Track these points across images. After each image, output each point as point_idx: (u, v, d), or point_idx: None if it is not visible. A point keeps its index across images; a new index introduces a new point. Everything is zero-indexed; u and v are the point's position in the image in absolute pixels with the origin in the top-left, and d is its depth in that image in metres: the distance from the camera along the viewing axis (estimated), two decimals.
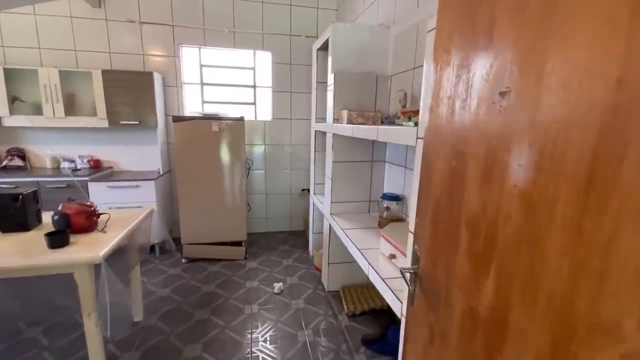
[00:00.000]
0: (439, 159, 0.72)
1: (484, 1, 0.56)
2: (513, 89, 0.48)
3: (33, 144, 3.20)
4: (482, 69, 0.56)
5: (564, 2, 0.41)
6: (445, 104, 0.70)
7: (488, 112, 0.53)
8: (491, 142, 0.52)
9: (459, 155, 0.62)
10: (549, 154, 0.41)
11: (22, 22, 2.99)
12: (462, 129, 0.62)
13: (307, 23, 3.49)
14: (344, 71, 2.15)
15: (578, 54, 0.39)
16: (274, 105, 3.62)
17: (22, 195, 1.64)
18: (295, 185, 3.85)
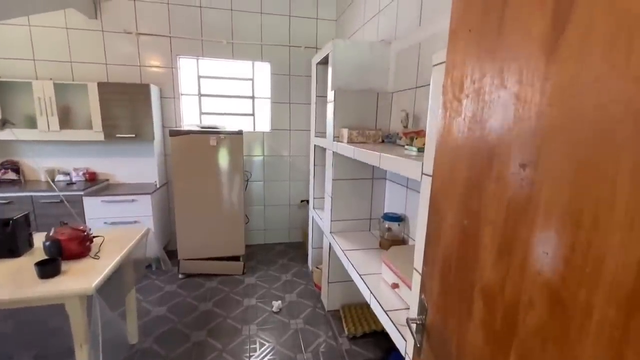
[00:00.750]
0: (449, 211, 0.67)
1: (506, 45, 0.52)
2: (534, 162, 0.44)
3: (27, 156, 3.14)
4: (499, 129, 0.52)
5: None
6: (455, 154, 0.66)
7: (505, 182, 0.49)
8: (510, 215, 0.48)
9: (473, 216, 0.58)
10: (582, 253, 0.37)
11: (16, 33, 2.94)
12: (475, 187, 0.58)
13: (306, 34, 3.46)
14: (344, 88, 2.11)
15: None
16: (273, 116, 3.58)
17: (13, 220, 1.58)
18: (294, 196, 3.81)
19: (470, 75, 0.61)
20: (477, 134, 0.58)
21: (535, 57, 0.45)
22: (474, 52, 0.60)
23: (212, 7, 3.22)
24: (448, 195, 0.68)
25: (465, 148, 0.62)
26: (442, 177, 0.71)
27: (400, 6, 2.03)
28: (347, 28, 3.12)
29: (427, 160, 0.96)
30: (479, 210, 0.56)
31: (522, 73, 0.48)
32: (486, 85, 0.56)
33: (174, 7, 3.16)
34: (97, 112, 2.91)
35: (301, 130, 3.66)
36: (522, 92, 0.48)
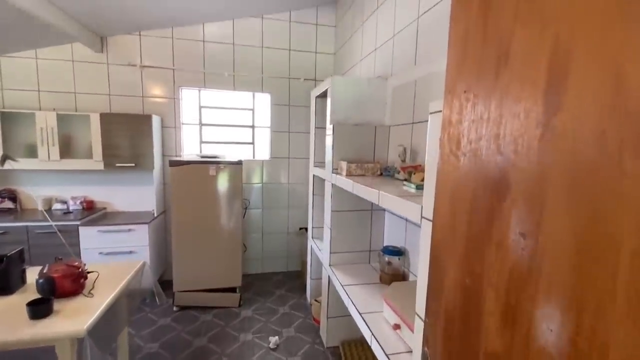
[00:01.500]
0: (451, 266, 0.67)
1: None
2: (533, 232, 0.44)
3: (26, 185, 3.13)
4: (496, 193, 0.53)
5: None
6: (454, 210, 0.67)
7: (506, 248, 0.50)
8: (513, 283, 0.48)
9: (475, 277, 0.58)
10: (587, 339, 0.36)
11: (23, 65, 3.02)
12: (475, 249, 0.58)
13: (305, 66, 3.57)
14: (342, 121, 2.15)
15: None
16: (273, 144, 3.63)
17: (7, 257, 1.56)
18: (293, 223, 3.78)
19: (467, 135, 0.63)
20: (475, 194, 0.59)
21: (532, 126, 0.47)
22: (469, 114, 0.62)
23: (215, 41, 3.35)
24: (449, 249, 0.68)
25: (465, 206, 0.63)
26: (443, 230, 0.72)
27: (396, 45, 2.11)
28: (345, 62, 3.24)
29: (426, 202, 0.96)
30: (482, 273, 0.56)
31: (518, 142, 0.49)
32: (483, 149, 0.57)
33: (178, 42, 3.27)
34: (98, 142, 2.94)
35: (299, 159, 3.70)
36: (518, 161, 0.49)
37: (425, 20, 1.76)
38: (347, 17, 3.16)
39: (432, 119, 0.91)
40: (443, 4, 1.59)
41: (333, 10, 3.55)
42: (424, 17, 1.77)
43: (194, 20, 3.23)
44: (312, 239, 2.86)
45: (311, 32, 3.54)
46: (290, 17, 3.47)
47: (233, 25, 3.36)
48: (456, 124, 0.67)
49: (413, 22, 1.89)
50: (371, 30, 2.54)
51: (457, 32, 0.69)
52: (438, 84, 1.64)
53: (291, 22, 3.49)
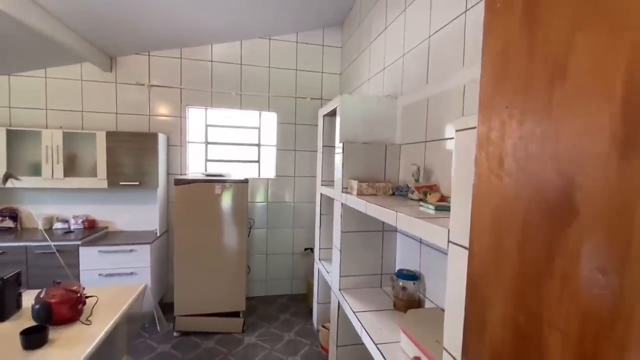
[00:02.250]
0: (497, 301, 0.60)
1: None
2: (618, 270, 0.38)
3: (27, 203, 3.08)
4: (559, 221, 0.47)
5: None
6: (497, 237, 0.60)
7: (576, 286, 0.43)
8: (589, 327, 0.41)
9: (532, 317, 0.51)
10: None
11: (32, 84, 3.04)
12: (531, 283, 0.51)
13: (312, 86, 3.59)
14: (352, 140, 2.11)
15: None
16: (278, 163, 3.59)
17: (3, 280, 1.48)
18: (298, 244, 3.68)
19: (512, 154, 0.57)
20: (527, 219, 0.53)
21: (605, 144, 0.41)
22: (514, 131, 0.57)
23: (223, 61, 3.38)
24: (493, 281, 0.61)
25: (513, 233, 0.57)
26: (483, 258, 0.65)
27: (405, 65, 2.11)
28: (351, 82, 3.25)
29: (455, 225, 0.90)
30: (540, 312, 0.49)
31: (587, 162, 0.44)
32: (535, 169, 0.52)
33: (186, 62, 3.31)
34: (103, 160, 2.91)
35: (305, 177, 3.65)
36: (588, 182, 0.43)
37: (436, 40, 1.76)
38: (353, 38, 3.20)
39: (460, 136, 0.86)
40: (454, 24, 1.58)
41: (339, 31, 3.60)
42: (435, 37, 1.77)
43: (203, 41, 3.28)
44: (320, 261, 2.76)
45: (317, 53, 3.58)
46: (297, 38, 3.52)
47: (241, 46, 3.41)
48: (497, 141, 0.62)
49: (424, 42, 1.88)
50: (379, 50, 2.55)
51: (493, 46, 0.65)
52: (452, 102, 1.61)
53: (298, 43, 3.54)
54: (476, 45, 1.43)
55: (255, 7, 2.85)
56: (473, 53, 1.46)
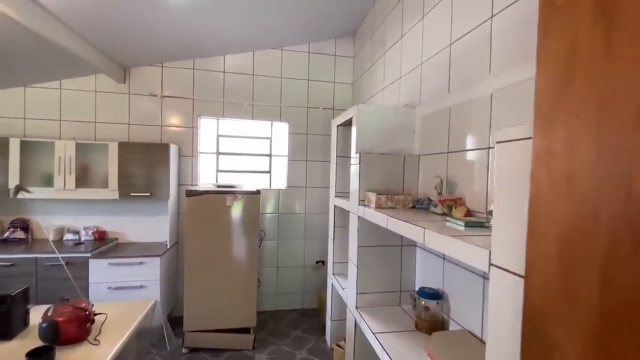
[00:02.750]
0: (567, 343, 0.51)
1: None
2: None
3: (38, 214, 3.07)
4: None
5: None
6: (568, 267, 0.52)
7: None
8: None
9: None
10: None
11: (47, 95, 3.07)
12: (620, 331, 0.43)
13: (324, 96, 3.55)
14: (369, 151, 2.04)
15: None
16: (290, 173, 3.53)
17: (11, 296, 1.43)
18: (309, 256, 3.59)
19: (587, 172, 0.49)
20: (611, 252, 0.44)
21: None
22: (589, 146, 0.49)
23: (235, 72, 3.37)
24: (563, 320, 0.52)
25: (590, 266, 0.48)
26: (547, 291, 0.56)
27: (424, 73, 2.04)
28: (364, 91, 3.20)
29: (497, 248, 0.81)
30: None
31: None
32: (626, 195, 0.44)
33: (198, 72, 3.31)
34: (114, 171, 2.89)
35: (317, 188, 3.58)
36: None
37: (459, 47, 1.69)
38: (366, 48, 3.16)
39: (505, 148, 0.78)
40: (479, 31, 1.52)
41: (351, 41, 3.57)
42: (457, 45, 1.70)
43: (215, 52, 3.28)
44: (333, 276, 2.66)
45: (329, 63, 3.56)
46: (309, 48, 3.51)
47: (253, 57, 3.40)
48: (564, 156, 0.54)
49: (444, 50, 1.82)
50: (394, 59, 2.49)
51: (554, 48, 0.57)
52: (477, 111, 1.53)
53: (310, 54, 3.52)
54: (505, 51, 1.36)
55: (268, 19, 2.85)
56: (501, 60, 1.38)
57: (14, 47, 2.39)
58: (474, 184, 1.54)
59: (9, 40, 2.26)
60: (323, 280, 3.54)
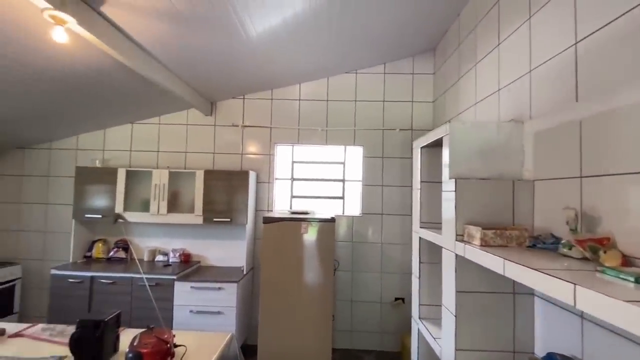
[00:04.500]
0: None
1: None
2: None
3: (137, 236, 3.40)
4: None
5: None
6: None
7: None
8: None
9: None
10: None
11: (149, 130, 3.47)
12: None
13: (401, 117, 3.33)
14: (466, 176, 1.73)
15: None
16: (364, 199, 3.33)
17: (104, 322, 1.47)
18: (387, 292, 3.25)
19: None
20: None
21: None
22: None
23: (310, 99, 3.39)
24: None
25: None
26: None
27: (534, 83, 1.70)
28: (449, 108, 2.89)
29: None
30: None
31: None
32: None
33: (276, 102, 3.41)
34: (200, 197, 3.06)
35: (395, 215, 3.29)
36: None
37: (590, 45, 1.34)
38: (450, 63, 2.88)
39: None
40: (622, 22, 1.16)
41: (431, 58, 3.33)
42: (587, 43, 1.35)
43: (291, 81, 3.36)
44: (420, 320, 2.30)
45: (407, 82, 3.35)
46: (385, 69, 3.37)
47: (327, 83, 3.39)
48: None
49: (567, 50, 1.47)
50: (489, 70, 2.18)
51: None
52: (627, 123, 1.15)
53: (385, 74, 3.37)
54: None
55: (343, 44, 2.80)
56: None
57: (125, 90, 2.75)
58: (630, 219, 1.14)
59: (122, 84, 2.61)
60: (404, 321, 3.16)
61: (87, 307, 2.82)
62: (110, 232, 3.38)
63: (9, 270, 3.15)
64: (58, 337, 1.70)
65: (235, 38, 2.32)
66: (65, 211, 3.35)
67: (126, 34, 2.01)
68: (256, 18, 2.15)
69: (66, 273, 2.85)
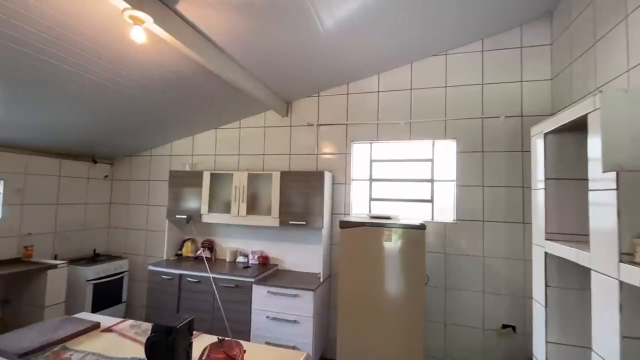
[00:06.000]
0: None
1: None
2: None
3: (220, 237, 3.51)
4: None
5: None
6: None
7: None
8: None
9: None
10: None
11: (231, 134, 3.57)
12: None
13: (506, 101, 2.72)
14: (634, 167, 1.17)
15: None
16: (459, 203, 2.80)
17: (176, 328, 1.39)
18: (492, 316, 2.65)
19: None
20: None
21: None
22: None
23: (390, 90, 3.03)
24: None
25: None
26: None
27: None
28: (577, 85, 2.20)
29: None
30: None
31: None
32: None
33: (352, 97, 3.15)
34: (276, 199, 2.98)
35: (499, 222, 2.68)
36: None
37: None
38: (577, 25, 2.20)
39: None
40: None
41: (546, 24, 2.64)
42: None
43: (369, 72, 3.06)
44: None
45: (513, 59, 2.72)
46: (482, 45, 2.80)
47: (411, 69, 2.98)
48: None
49: None
50: None
51: None
52: None
53: (484, 52, 2.80)
54: None
55: (431, 23, 2.38)
56: None
57: (210, 95, 2.83)
58: None
59: (206, 90, 2.68)
60: (516, 354, 2.52)
61: (177, 303, 2.97)
62: (198, 232, 3.56)
63: (119, 264, 3.56)
64: (141, 337, 1.70)
65: (310, 29, 2.14)
66: (161, 212, 3.66)
67: (201, 32, 1.99)
68: (333, 3, 1.92)
69: (160, 269, 3.06)
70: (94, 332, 1.71)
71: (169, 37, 1.73)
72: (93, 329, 1.73)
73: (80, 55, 1.92)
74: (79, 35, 1.75)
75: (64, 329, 1.67)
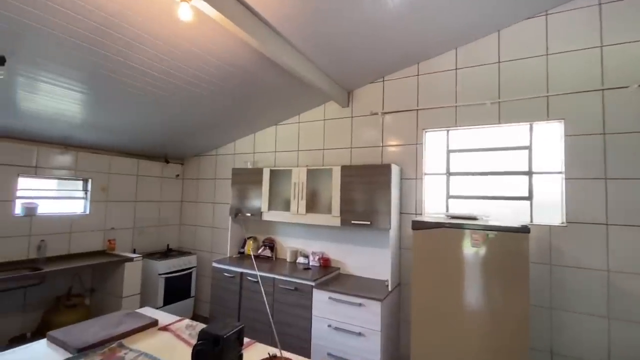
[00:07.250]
0: None
1: None
2: None
3: (280, 235, 3.38)
4: None
5: None
6: None
7: None
8: None
9: None
10: None
11: (290, 130, 3.43)
12: None
13: (637, 66, 2.04)
14: None
15: None
16: (569, 200, 2.19)
17: (224, 338, 1.21)
18: (621, 349, 2.00)
19: None
20: None
21: None
22: None
23: (471, 65, 2.55)
24: None
25: None
26: None
27: None
28: None
29: None
30: None
31: None
32: None
33: (423, 78, 2.74)
34: (337, 196, 2.72)
35: (632, 227, 2.01)
36: None
37: None
38: None
39: None
40: None
41: None
42: None
43: (443, 47, 2.61)
44: None
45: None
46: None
47: (498, 38, 2.46)
48: None
49: None
50: None
51: None
52: None
53: (602, 5, 2.16)
54: None
55: None
56: None
57: (268, 87, 2.70)
58: None
59: (265, 81, 2.56)
60: None
61: (238, 301, 2.90)
62: (260, 230, 3.49)
63: (188, 259, 3.68)
64: (194, 339, 1.58)
65: (376, 3, 1.84)
66: (226, 209, 3.69)
67: (253, 11, 1.83)
68: None
69: (223, 267, 3.03)
70: (151, 329, 1.65)
71: (217, 16, 1.60)
72: (151, 326, 1.67)
73: (161, 59, 1.93)
74: (159, 39, 1.73)
75: (124, 324, 1.63)
